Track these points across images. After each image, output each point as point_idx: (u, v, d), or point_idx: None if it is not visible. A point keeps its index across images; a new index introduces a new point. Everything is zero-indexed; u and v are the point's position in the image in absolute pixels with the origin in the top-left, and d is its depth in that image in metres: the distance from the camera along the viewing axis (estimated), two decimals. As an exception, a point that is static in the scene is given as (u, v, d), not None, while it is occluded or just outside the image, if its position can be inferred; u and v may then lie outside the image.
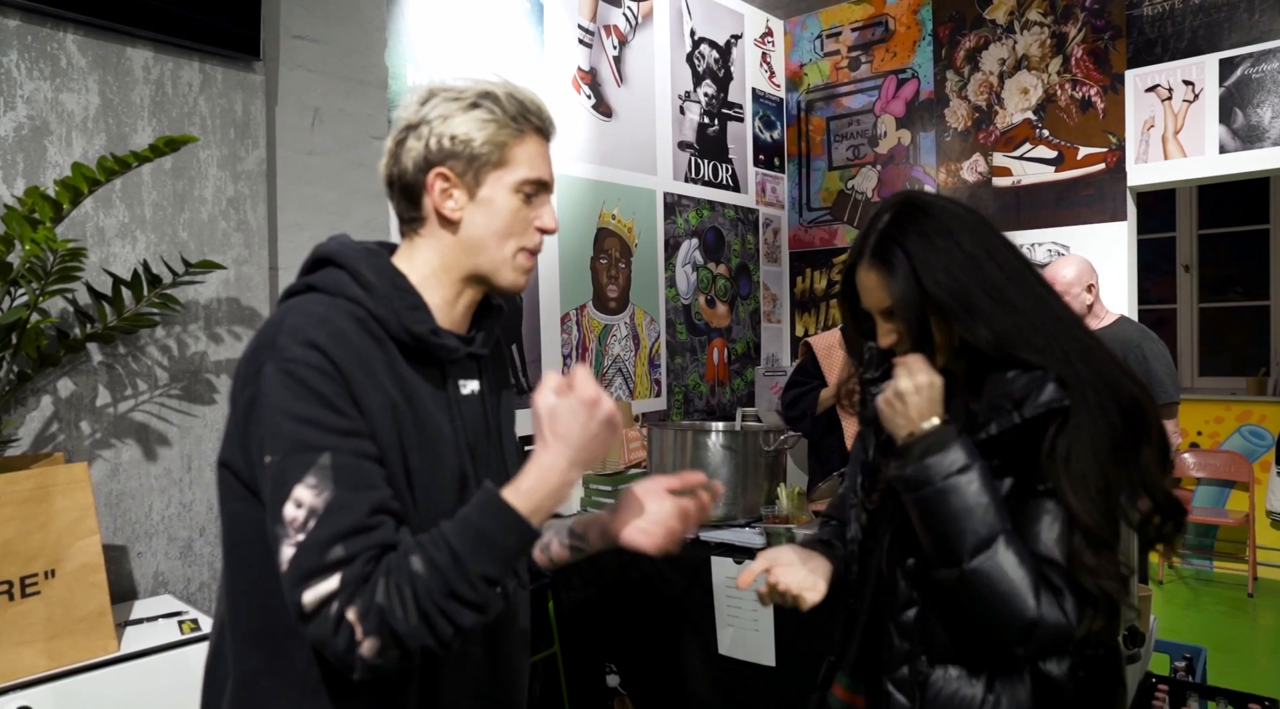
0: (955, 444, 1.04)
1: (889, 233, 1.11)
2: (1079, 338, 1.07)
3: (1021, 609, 0.98)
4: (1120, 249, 3.69)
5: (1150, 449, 1.03)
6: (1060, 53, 3.79)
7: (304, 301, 0.95)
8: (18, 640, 1.52)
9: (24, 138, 1.81)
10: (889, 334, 1.12)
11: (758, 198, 4.47)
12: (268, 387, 0.88)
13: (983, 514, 1.00)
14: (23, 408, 1.79)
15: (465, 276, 1.03)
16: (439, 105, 0.99)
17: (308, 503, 0.84)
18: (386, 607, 0.83)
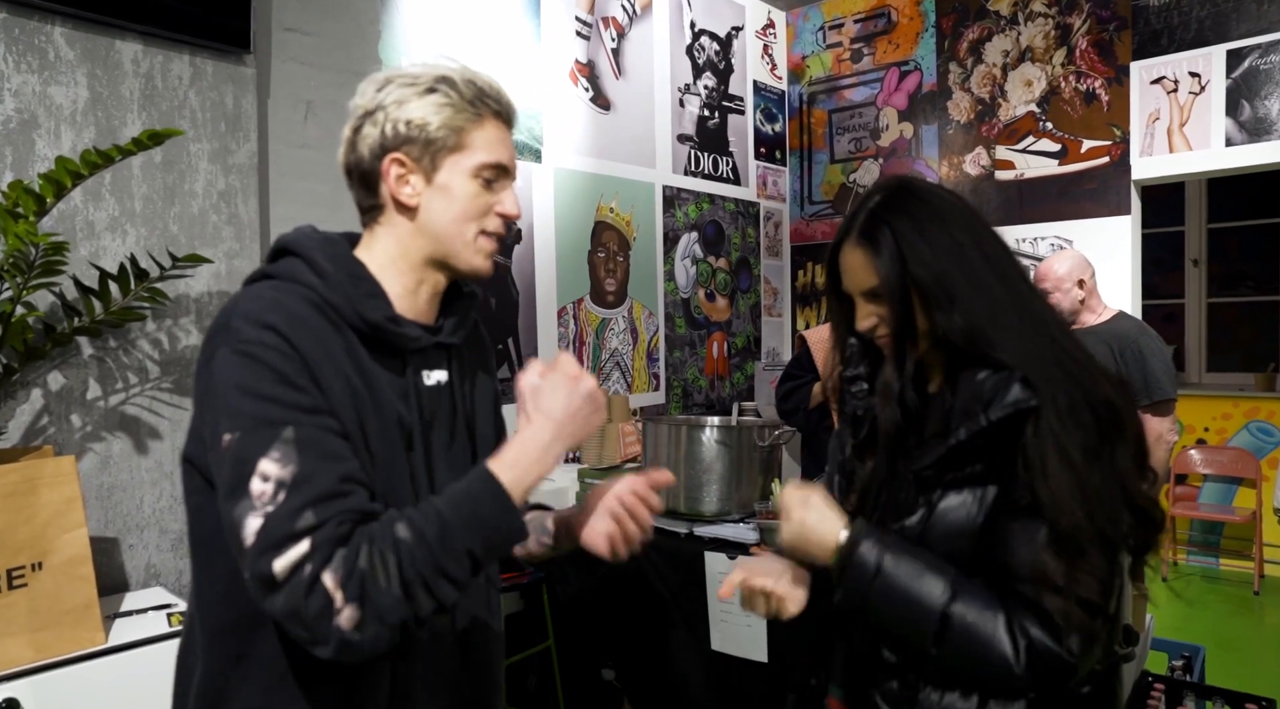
0: (860, 545, 1.02)
1: (878, 212, 1.09)
2: (1056, 339, 1.04)
3: (1002, 664, 0.96)
4: (1123, 243, 3.66)
5: (1125, 451, 1.00)
6: (1064, 44, 3.75)
7: (259, 289, 0.94)
8: (4, 632, 1.53)
9: (12, 131, 1.82)
10: (868, 317, 1.10)
11: (759, 191, 4.45)
12: (221, 369, 0.86)
13: (923, 599, 0.99)
14: (12, 401, 1.80)
15: (425, 262, 1.01)
16: (394, 91, 0.97)
17: (274, 476, 0.82)
18: (368, 573, 0.81)
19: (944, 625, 0.98)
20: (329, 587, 0.80)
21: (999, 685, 1.00)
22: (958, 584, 1.00)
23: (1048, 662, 0.95)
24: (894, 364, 1.08)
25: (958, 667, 1.01)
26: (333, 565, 0.81)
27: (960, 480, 1.04)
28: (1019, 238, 3.88)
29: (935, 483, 1.06)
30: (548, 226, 3.30)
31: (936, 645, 0.99)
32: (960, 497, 1.04)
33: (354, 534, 0.83)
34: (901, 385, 1.07)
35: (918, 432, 1.09)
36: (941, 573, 1.00)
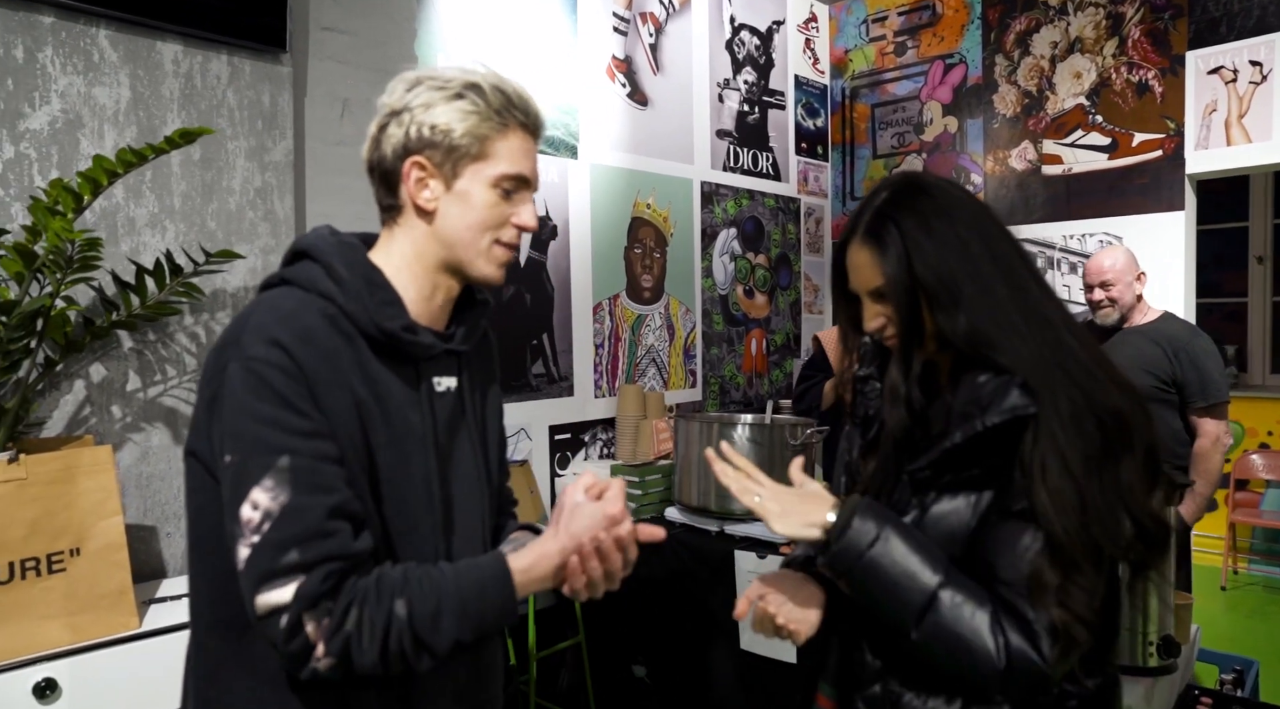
0: (858, 517, 1.00)
1: (884, 210, 1.07)
2: (1064, 342, 1.01)
3: (984, 657, 0.94)
4: (1177, 240, 3.53)
5: (1132, 463, 0.96)
6: (1116, 34, 3.63)
7: (275, 296, 0.96)
8: (43, 615, 1.58)
9: (58, 131, 1.88)
10: (875, 317, 1.08)
11: (799, 187, 4.40)
12: (231, 384, 0.89)
13: (914, 577, 0.97)
14: (56, 392, 1.86)
15: (439, 267, 1.02)
16: (423, 93, 0.97)
17: (263, 506, 0.85)
18: (354, 637, 0.86)
19: (930, 607, 0.96)
20: (310, 634, 0.85)
21: (974, 683, 0.97)
22: (950, 571, 0.98)
23: (1023, 666, 0.93)
24: (900, 365, 1.06)
25: (934, 655, 0.98)
26: (316, 614, 0.85)
27: (956, 484, 1.02)
28: (1066, 234, 3.78)
29: (930, 485, 1.04)
30: (583, 222, 3.30)
31: (917, 627, 0.97)
32: (955, 501, 1.02)
33: (343, 588, 0.86)
34: (908, 388, 1.05)
35: (924, 433, 1.06)
36: (936, 557, 0.99)
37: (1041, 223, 3.83)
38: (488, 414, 1.14)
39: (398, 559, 0.96)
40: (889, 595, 0.98)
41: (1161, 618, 1.95)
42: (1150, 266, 3.55)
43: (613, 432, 3.40)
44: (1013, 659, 0.93)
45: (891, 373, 1.07)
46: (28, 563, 1.57)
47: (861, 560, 0.99)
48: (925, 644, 0.97)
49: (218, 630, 0.97)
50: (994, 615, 0.95)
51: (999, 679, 0.94)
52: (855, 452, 1.20)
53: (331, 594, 0.85)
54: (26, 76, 1.84)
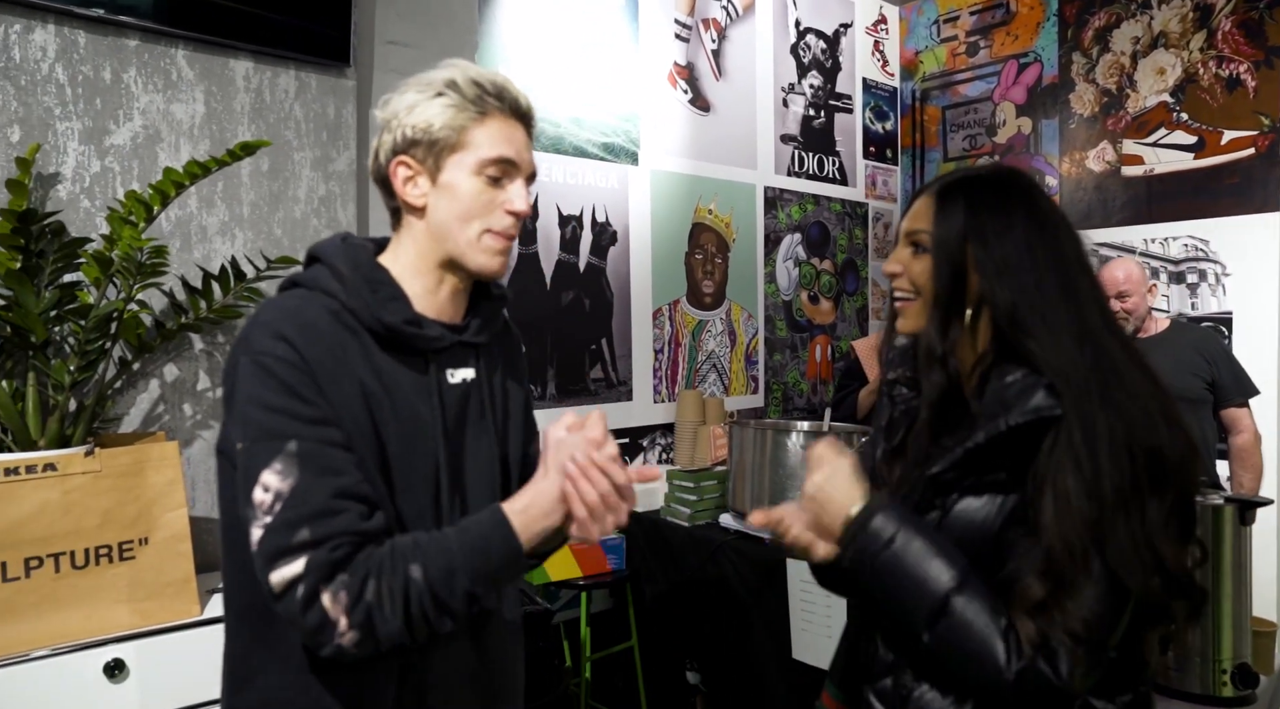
0: (878, 516, 0.98)
1: (968, 180, 1.07)
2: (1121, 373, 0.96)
3: (992, 666, 0.92)
4: (1271, 243, 3.33)
5: (1160, 506, 0.92)
6: (1204, 27, 3.45)
7: (283, 297, 1.01)
8: (114, 599, 1.68)
9: (139, 145, 2.00)
10: (896, 263, 1.08)
11: (868, 191, 4.33)
12: (240, 378, 0.93)
13: (929, 580, 0.95)
14: (133, 390, 1.98)
15: (440, 263, 1.05)
16: (408, 98, 1.02)
17: (274, 487, 0.88)
18: (375, 605, 0.88)
19: (942, 611, 0.94)
20: (327, 606, 0.87)
21: (982, 692, 0.94)
22: (968, 576, 0.95)
23: (1036, 681, 0.90)
24: (938, 329, 1.04)
25: (944, 660, 0.96)
26: (332, 588, 0.87)
27: (981, 486, 0.99)
28: (1147, 238, 3.61)
29: (953, 486, 1.01)
30: (644, 228, 3.32)
31: (929, 630, 0.95)
32: (979, 501, 0.99)
33: (354, 560, 0.89)
34: (945, 350, 1.03)
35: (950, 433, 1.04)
36: (954, 560, 0.96)
37: (1121, 226, 3.67)
38: (510, 407, 1.16)
39: None
40: (901, 596, 0.97)
41: (1236, 645, 1.84)
42: (1240, 271, 3.36)
43: (672, 437, 3.40)
44: (1025, 674, 0.91)
45: (928, 334, 1.05)
46: (101, 550, 1.68)
47: (879, 558, 0.98)
48: (935, 648, 0.96)
49: (246, 617, 1.01)
50: (1008, 626, 0.93)
51: (1008, 692, 0.92)
52: (879, 456, 1.18)
53: (344, 564, 0.88)
54: (113, 96, 1.97)
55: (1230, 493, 2.15)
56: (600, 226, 3.18)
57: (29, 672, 1.55)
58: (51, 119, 1.88)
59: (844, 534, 1.02)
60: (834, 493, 1.04)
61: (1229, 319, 3.38)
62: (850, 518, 1.01)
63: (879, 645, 1.07)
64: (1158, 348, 2.86)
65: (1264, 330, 3.30)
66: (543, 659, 2.61)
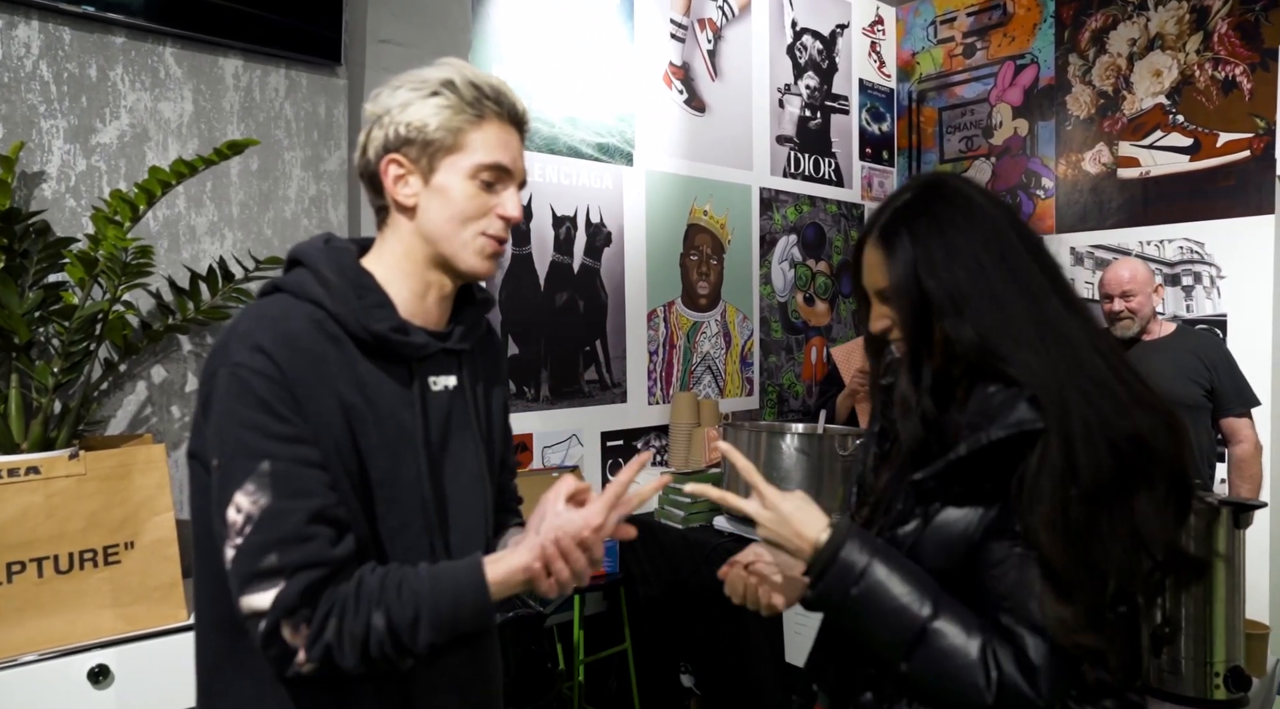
0: (845, 546, 0.97)
1: (901, 213, 1.04)
2: (1083, 362, 0.95)
3: (973, 691, 0.91)
4: (1266, 246, 3.32)
5: (1150, 498, 0.90)
6: (1200, 29, 3.44)
7: (264, 303, 0.99)
8: (98, 604, 1.66)
9: (126, 144, 1.98)
10: (880, 319, 1.06)
11: (864, 193, 4.31)
12: (218, 390, 0.92)
13: (904, 610, 0.94)
14: (119, 392, 1.96)
15: (427, 264, 1.03)
16: (401, 95, 0.99)
17: (245, 509, 0.87)
18: (335, 645, 0.88)
19: (920, 641, 0.93)
20: (287, 638, 0.88)
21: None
22: (940, 601, 0.95)
23: (1013, 698, 0.90)
24: (909, 375, 1.02)
25: (923, 686, 0.95)
26: (293, 621, 0.87)
27: (963, 496, 0.98)
28: (1143, 240, 3.60)
29: (935, 495, 1.00)
30: (638, 229, 3.31)
31: (907, 660, 0.94)
32: (961, 512, 0.98)
33: (321, 597, 0.88)
34: (918, 398, 1.01)
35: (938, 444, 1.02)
36: (926, 587, 0.95)
37: (1116, 228, 3.66)
38: (492, 412, 1.14)
39: (389, 559, 0.97)
40: (879, 628, 0.96)
41: (1229, 647, 1.83)
42: (1235, 273, 3.35)
43: (666, 438, 3.39)
44: (1004, 693, 0.90)
45: (901, 384, 1.04)
46: (86, 554, 1.65)
47: (849, 596, 0.96)
48: (915, 676, 0.95)
49: (219, 628, 0.99)
50: (984, 647, 0.92)
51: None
52: (869, 462, 1.17)
53: (309, 596, 0.87)
54: (99, 93, 1.94)
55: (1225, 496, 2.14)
56: (595, 227, 3.16)
57: (11, 678, 1.53)
58: (36, 117, 1.85)
59: (814, 567, 0.99)
60: (796, 525, 1.01)
61: (1223, 322, 3.37)
62: (819, 548, 0.98)
63: (861, 660, 1.06)
64: (1160, 352, 2.83)
65: (1258, 333, 3.29)
66: (536, 662, 2.59)
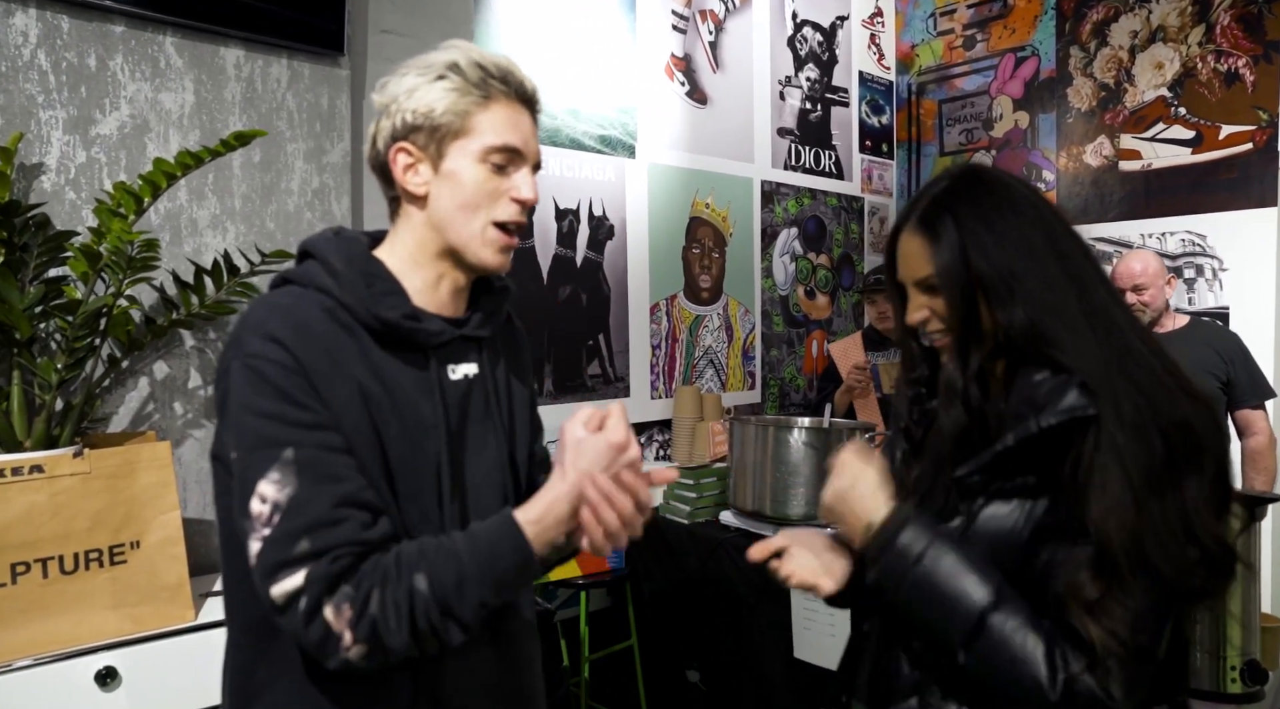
0: (907, 529, 0.95)
1: (942, 199, 1.02)
2: (1132, 348, 0.94)
3: (1034, 687, 0.88)
4: (1269, 238, 3.33)
5: (1199, 482, 0.89)
6: (1203, 21, 3.44)
7: (274, 295, 0.96)
8: (104, 605, 1.63)
9: (126, 135, 1.94)
10: (919, 309, 1.03)
11: (863, 186, 4.30)
12: (233, 383, 0.89)
13: (963, 596, 0.91)
14: (122, 389, 1.92)
15: (439, 255, 1.00)
16: (408, 81, 0.97)
17: (271, 498, 0.84)
18: (380, 619, 0.83)
19: (979, 629, 0.90)
20: (330, 620, 0.83)
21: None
22: (1003, 591, 0.92)
23: (1087, 701, 0.86)
24: (957, 361, 1.00)
25: (983, 680, 0.92)
26: (334, 601, 0.83)
27: (1009, 490, 0.96)
28: (1145, 233, 3.60)
29: (979, 491, 0.98)
30: (641, 222, 3.28)
31: (965, 649, 0.91)
32: (1007, 507, 0.96)
33: (358, 571, 0.85)
34: (965, 384, 0.99)
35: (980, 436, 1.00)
36: (988, 575, 0.93)
37: (1118, 221, 3.66)
38: (515, 403, 1.12)
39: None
40: (935, 614, 0.93)
41: (1245, 641, 1.83)
42: (1238, 266, 3.36)
43: (669, 433, 3.37)
44: (1071, 694, 0.87)
45: (948, 369, 1.02)
46: (91, 554, 1.62)
47: (909, 576, 0.94)
48: (974, 667, 0.92)
49: (250, 630, 0.97)
50: (1051, 644, 0.89)
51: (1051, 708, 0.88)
52: (899, 458, 1.15)
53: (347, 575, 0.84)
54: (98, 84, 1.90)
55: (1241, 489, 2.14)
56: (597, 220, 3.13)
57: (16, 681, 1.50)
58: (34, 108, 1.81)
59: (871, 548, 0.98)
60: (856, 503, 1.01)
61: (1225, 314, 3.38)
62: (874, 530, 0.98)
63: (904, 664, 1.03)
64: (1174, 344, 2.81)
65: (1261, 325, 3.30)
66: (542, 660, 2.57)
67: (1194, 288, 3.46)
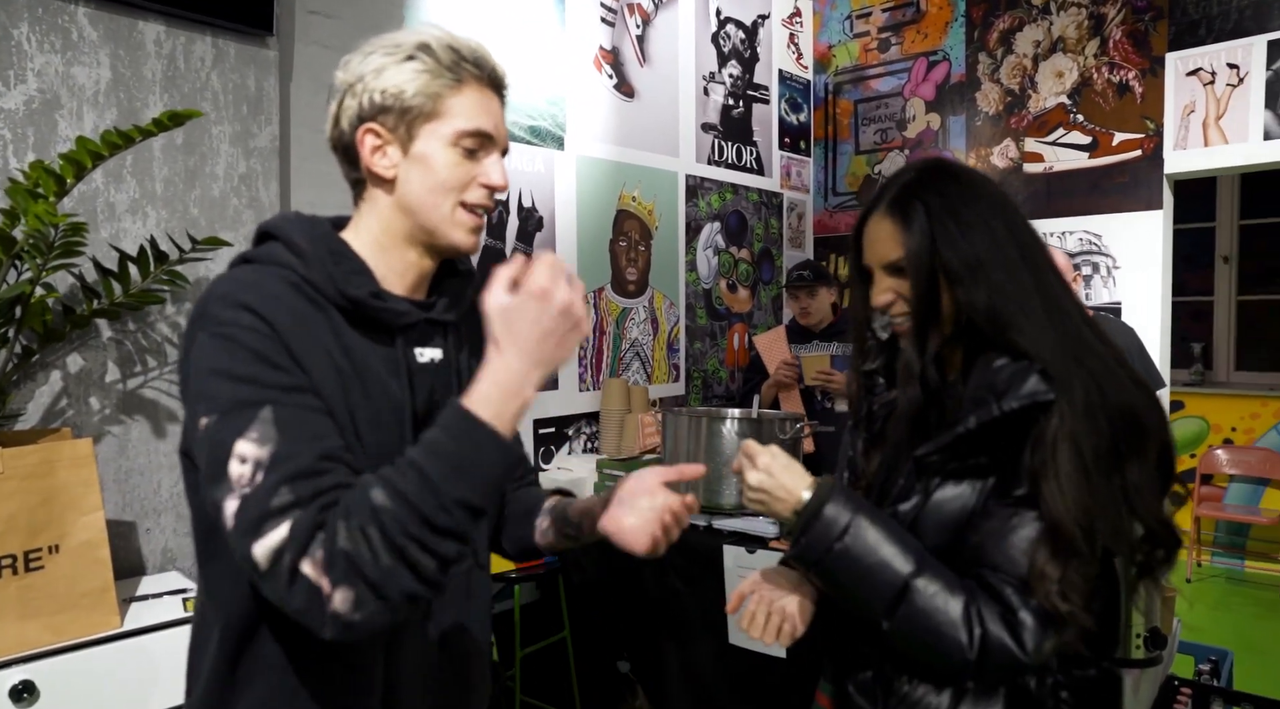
0: (829, 504, 0.99)
1: (912, 187, 1.06)
2: (1082, 336, 1.01)
3: (955, 648, 0.93)
4: (1155, 239, 3.58)
5: (1142, 466, 0.95)
6: (1098, 35, 3.67)
7: (235, 272, 0.92)
8: (21, 615, 1.52)
9: (34, 111, 1.80)
10: (885, 292, 1.07)
11: (782, 182, 4.40)
12: (199, 354, 0.84)
13: (886, 566, 0.96)
14: (32, 383, 1.79)
15: (407, 239, 0.97)
16: (374, 60, 0.93)
17: (252, 456, 0.78)
18: (353, 551, 0.75)
19: (902, 597, 0.95)
20: (310, 575, 0.75)
21: (945, 672, 0.97)
22: (924, 560, 0.97)
23: (998, 655, 0.92)
24: (916, 343, 1.05)
25: (906, 645, 0.97)
26: (310, 552, 0.76)
27: (962, 471, 1.01)
28: (1047, 232, 3.82)
29: (936, 471, 1.02)
30: (569, 214, 3.27)
31: (888, 617, 0.96)
32: (959, 488, 1.01)
33: (332, 514, 0.78)
34: (923, 365, 1.04)
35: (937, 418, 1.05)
36: (909, 546, 0.98)
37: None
38: None
39: None
40: (860, 585, 0.97)
41: (1150, 611, 1.97)
42: (1129, 265, 3.60)
43: (596, 425, 3.37)
44: (988, 650, 0.92)
45: (906, 350, 1.06)
46: (4, 561, 1.51)
47: (833, 549, 0.97)
48: (897, 634, 0.96)
49: (230, 629, 0.93)
50: (968, 605, 0.94)
51: (972, 669, 0.93)
52: (859, 446, 1.19)
53: (322, 525, 0.77)
54: (1, 54, 1.76)
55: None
56: (526, 212, 3.10)
57: (-75, 700, 1.39)
58: (-69, 78, 1.67)
59: (796, 524, 1.01)
60: (782, 481, 1.03)
61: (1119, 309, 3.61)
62: (802, 506, 1.01)
63: (859, 640, 1.07)
64: None
65: (1149, 320, 3.55)
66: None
67: (1090, 284, 3.69)
